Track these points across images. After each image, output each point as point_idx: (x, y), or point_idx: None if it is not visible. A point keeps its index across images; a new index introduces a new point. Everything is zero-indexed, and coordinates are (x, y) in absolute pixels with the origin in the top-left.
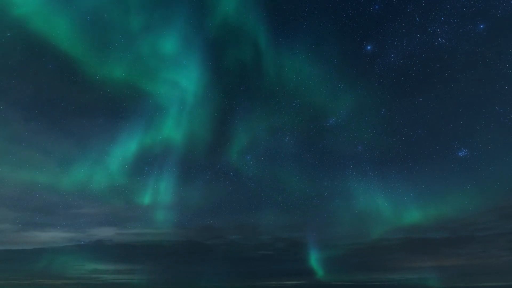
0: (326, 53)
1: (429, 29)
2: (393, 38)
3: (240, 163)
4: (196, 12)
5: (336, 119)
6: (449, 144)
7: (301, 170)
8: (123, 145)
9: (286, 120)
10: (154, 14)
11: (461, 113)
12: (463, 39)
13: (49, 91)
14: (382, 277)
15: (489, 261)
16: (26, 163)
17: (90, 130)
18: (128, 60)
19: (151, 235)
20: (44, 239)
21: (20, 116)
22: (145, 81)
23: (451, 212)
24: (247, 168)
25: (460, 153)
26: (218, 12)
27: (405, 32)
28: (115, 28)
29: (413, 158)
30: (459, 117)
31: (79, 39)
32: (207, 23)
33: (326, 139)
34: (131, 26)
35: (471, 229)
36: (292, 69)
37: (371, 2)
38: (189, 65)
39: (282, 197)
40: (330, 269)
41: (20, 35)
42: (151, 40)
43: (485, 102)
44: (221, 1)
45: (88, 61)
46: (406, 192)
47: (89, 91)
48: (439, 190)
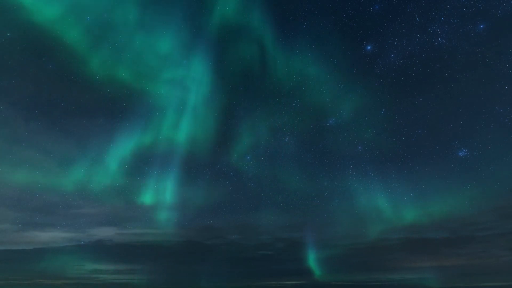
0: (326, 53)
1: (429, 29)
2: (393, 38)
3: (240, 163)
4: (197, 12)
5: (336, 119)
6: (449, 144)
7: (301, 170)
8: (123, 145)
9: (286, 120)
10: (155, 14)
11: (461, 113)
12: (463, 39)
13: (49, 91)
14: (382, 277)
15: (489, 261)
16: (26, 163)
17: (90, 130)
18: (128, 60)
19: (151, 235)
20: (44, 239)
21: (20, 116)
22: (145, 81)
23: (451, 212)
24: (247, 168)
25: (460, 153)
26: (219, 12)
27: (405, 32)
28: (115, 28)
29: (413, 158)
30: (459, 117)
31: (79, 39)
32: (207, 23)
33: (326, 139)
34: (131, 26)
35: (471, 229)
36: (292, 69)
37: (371, 2)
38: (189, 65)
39: (282, 197)
40: (330, 269)
41: (21, 35)
42: (151, 40)
43: (485, 102)
44: (222, 2)
45: (88, 61)
46: (406, 192)
47: (89, 91)
48: (439, 190)
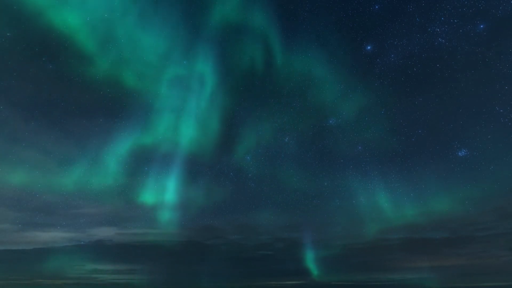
0: (326, 53)
1: (429, 29)
2: (393, 38)
3: (240, 163)
4: (198, 12)
5: (336, 119)
6: (449, 144)
7: (301, 170)
8: (123, 145)
9: (286, 120)
10: (156, 14)
11: (461, 113)
12: (463, 39)
13: (49, 91)
14: (382, 277)
15: (489, 261)
16: (26, 163)
17: (90, 130)
18: (128, 60)
19: (151, 235)
20: (44, 239)
21: (20, 116)
22: (145, 81)
23: (451, 212)
24: (247, 168)
25: (460, 153)
26: (219, 12)
27: (405, 32)
28: (115, 28)
29: (413, 158)
30: (459, 117)
31: (79, 39)
32: (208, 23)
33: (326, 139)
34: (132, 25)
35: (471, 229)
36: (292, 70)
37: (371, 2)
38: (189, 65)
39: (282, 197)
40: (330, 269)
41: (21, 35)
42: (152, 40)
43: (485, 102)
44: (222, 2)
45: (88, 61)
46: (406, 192)
47: (89, 91)
48: (439, 190)
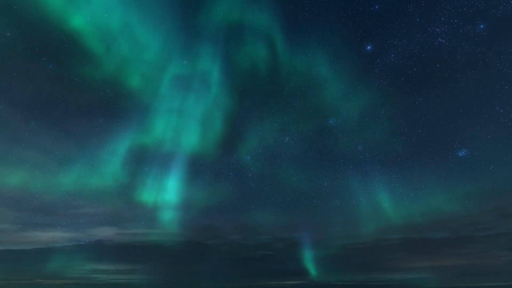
0: (326, 53)
1: (429, 29)
2: (393, 38)
3: (240, 163)
4: (199, 12)
5: (336, 119)
6: (449, 144)
7: (301, 170)
8: (123, 145)
9: (286, 120)
10: (157, 13)
11: (461, 113)
12: (463, 39)
13: (49, 91)
14: (382, 277)
15: (489, 261)
16: (26, 163)
17: (90, 130)
18: (129, 60)
19: (151, 235)
20: (44, 239)
21: (20, 116)
22: (145, 81)
23: (451, 212)
24: (247, 168)
25: (460, 153)
26: (219, 12)
27: (405, 32)
28: (116, 28)
29: (413, 158)
30: (459, 117)
31: (79, 39)
32: (208, 23)
33: (326, 139)
34: (132, 25)
35: (471, 229)
36: (292, 70)
37: (371, 2)
38: (190, 66)
39: (282, 197)
40: (330, 269)
41: (21, 35)
42: (153, 40)
43: (485, 102)
44: (223, 2)
45: (88, 61)
46: (406, 192)
47: (89, 91)
48: (439, 190)
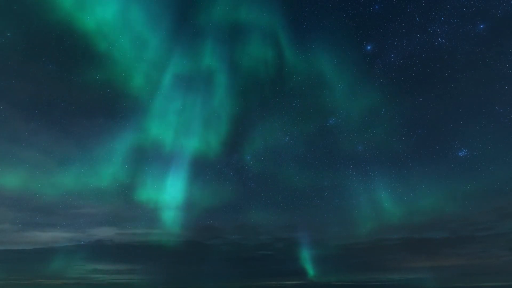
0: (326, 53)
1: (429, 29)
2: (393, 38)
3: (240, 163)
4: (199, 12)
5: (336, 119)
6: (449, 144)
7: (301, 170)
8: (123, 145)
9: (286, 120)
10: (158, 11)
11: (461, 113)
12: (463, 39)
13: (49, 91)
14: (382, 277)
15: (489, 261)
16: (26, 163)
17: (90, 130)
18: (128, 60)
19: (151, 235)
20: (44, 239)
21: (20, 116)
22: (145, 81)
23: (451, 212)
24: (247, 168)
25: (460, 153)
26: (219, 12)
27: (405, 32)
28: (116, 28)
29: (413, 158)
30: (459, 117)
31: (79, 39)
32: (207, 23)
33: (326, 139)
34: (132, 25)
35: (471, 229)
36: (292, 70)
37: (371, 2)
38: (191, 65)
39: (282, 197)
40: (330, 269)
41: (21, 35)
42: (153, 40)
43: (485, 102)
44: (224, 2)
45: (88, 61)
46: (406, 192)
47: (89, 91)
48: (439, 190)
